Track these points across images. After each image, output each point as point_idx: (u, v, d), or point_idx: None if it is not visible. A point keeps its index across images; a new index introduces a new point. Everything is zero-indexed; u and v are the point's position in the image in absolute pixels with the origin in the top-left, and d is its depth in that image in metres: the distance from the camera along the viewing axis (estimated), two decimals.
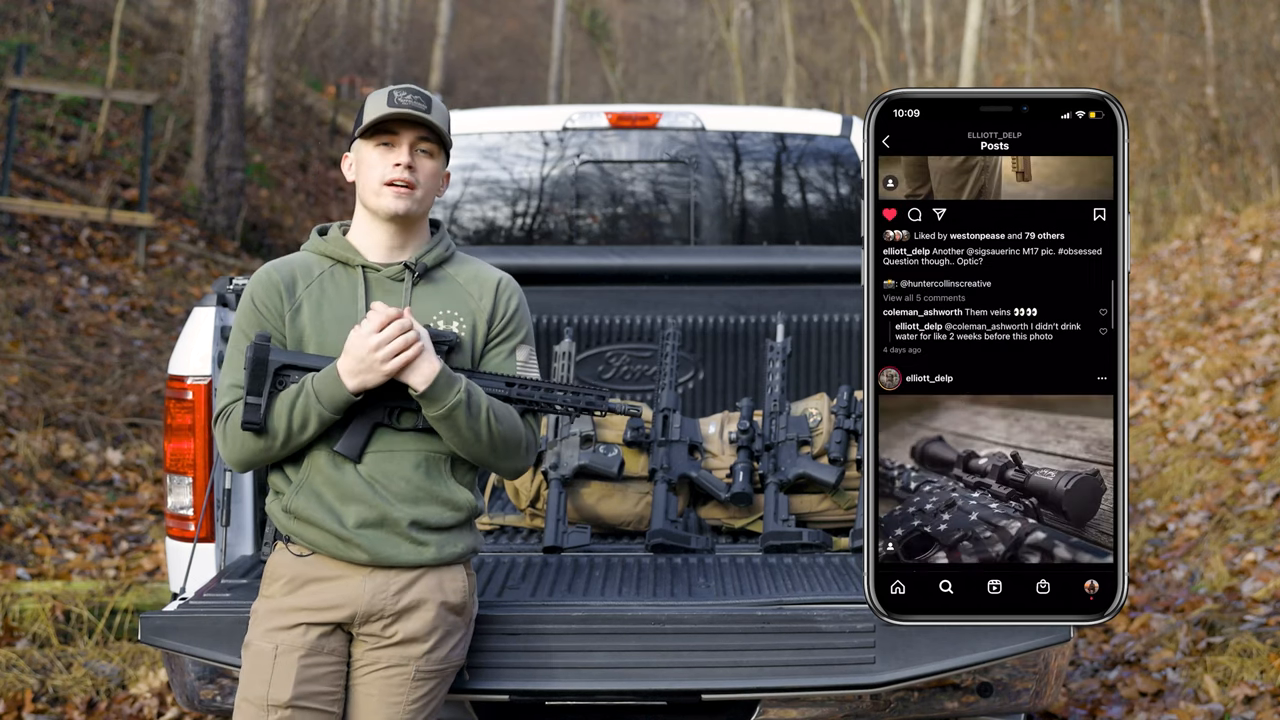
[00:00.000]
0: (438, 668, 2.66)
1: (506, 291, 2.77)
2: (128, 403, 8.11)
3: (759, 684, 2.83)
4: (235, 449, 2.62)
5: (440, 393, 2.53)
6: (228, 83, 13.08)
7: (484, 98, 32.02)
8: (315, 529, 2.61)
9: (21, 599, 5.20)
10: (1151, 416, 7.94)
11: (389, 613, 2.61)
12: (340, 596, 2.60)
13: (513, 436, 2.64)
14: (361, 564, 2.60)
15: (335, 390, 2.53)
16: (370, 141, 2.68)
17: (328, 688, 2.59)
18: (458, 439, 2.59)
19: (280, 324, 2.66)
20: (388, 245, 2.70)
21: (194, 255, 12.13)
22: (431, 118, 2.66)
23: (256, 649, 2.60)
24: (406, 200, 2.65)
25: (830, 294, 4.71)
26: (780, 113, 5.00)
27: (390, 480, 2.61)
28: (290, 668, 2.55)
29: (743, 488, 3.59)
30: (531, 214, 4.96)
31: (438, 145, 2.70)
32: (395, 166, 2.64)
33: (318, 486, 2.61)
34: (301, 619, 2.59)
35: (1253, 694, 4.38)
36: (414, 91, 2.68)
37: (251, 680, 2.58)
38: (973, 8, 22.34)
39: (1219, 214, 12.73)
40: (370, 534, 2.59)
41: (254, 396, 2.57)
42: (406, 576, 2.62)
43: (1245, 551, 5.61)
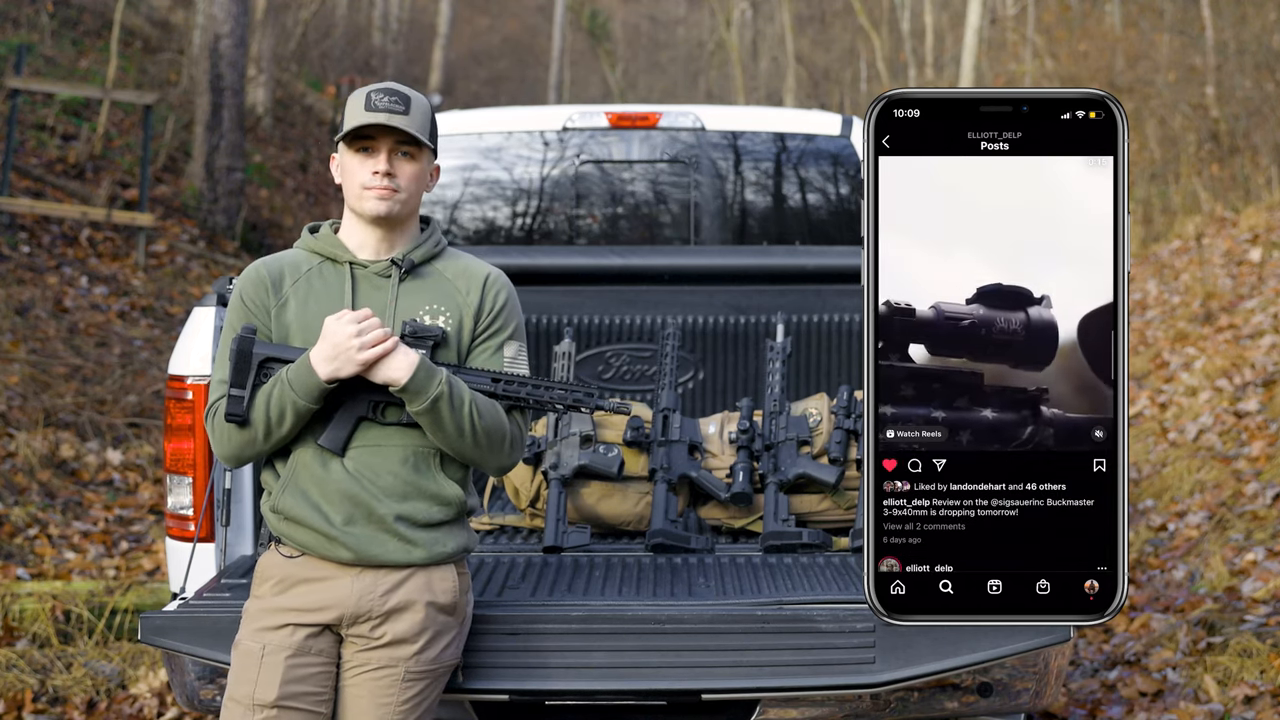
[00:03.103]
0: (428, 668, 2.65)
1: (494, 286, 2.76)
2: (128, 403, 8.11)
3: (759, 684, 2.83)
4: (222, 442, 2.62)
5: (421, 385, 2.52)
6: (228, 83, 13.08)
7: (484, 98, 32.01)
8: (303, 529, 2.60)
9: (21, 599, 5.20)
10: (1151, 416, 7.94)
11: (377, 614, 2.60)
12: (328, 598, 2.59)
13: (497, 432, 2.63)
14: (349, 564, 2.60)
15: (308, 378, 2.52)
16: (350, 146, 2.66)
17: (315, 688, 2.59)
18: (441, 434, 2.58)
19: (267, 319, 2.66)
20: (375, 243, 2.70)
21: (194, 255, 12.13)
22: (407, 123, 2.61)
23: (245, 649, 2.60)
24: (389, 203, 2.64)
25: (830, 294, 4.70)
26: (780, 113, 5.00)
27: (377, 475, 2.60)
28: (276, 668, 2.55)
29: (743, 488, 3.59)
30: (531, 214, 4.96)
31: (418, 146, 2.68)
32: (374, 174, 2.63)
33: (304, 484, 2.61)
34: (289, 619, 2.59)
35: (1253, 694, 4.38)
36: (391, 92, 2.63)
37: (239, 679, 2.58)
38: (973, 8, 22.34)
39: (1219, 214, 12.73)
40: (357, 531, 2.58)
41: (237, 389, 2.57)
42: (394, 577, 2.61)
43: (1245, 551, 5.60)
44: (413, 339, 2.62)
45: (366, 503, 2.59)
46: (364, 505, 2.59)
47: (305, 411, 2.55)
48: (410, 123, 2.63)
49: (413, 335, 2.63)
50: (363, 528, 2.59)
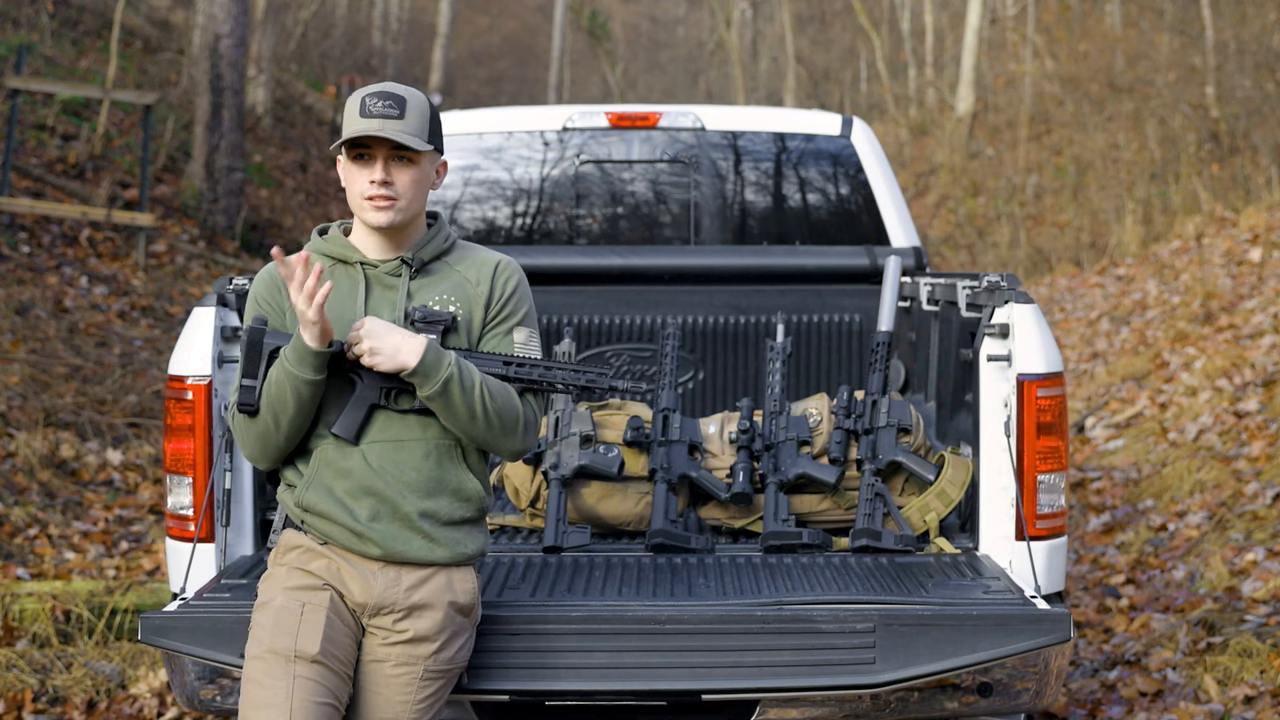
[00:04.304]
0: (445, 668, 2.67)
1: (504, 273, 2.75)
2: (128, 403, 8.11)
3: (759, 684, 2.84)
4: (240, 437, 2.63)
5: (430, 368, 2.52)
6: (228, 83, 13.07)
7: (484, 98, 32.03)
8: (328, 522, 2.61)
9: (21, 599, 5.20)
10: (1151, 416, 7.94)
11: (400, 607, 2.60)
12: (354, 584, 2.60)
13: (510, 414, 2.62)
14: (375, 558, 2.60)
15: (297, 343, 2.51)
16: (348, 154, 2.64)
17: (346, 655, 2.58)
18: (453, 417, 2.58)
19: (280, 318, 2.67)
20: (384, 245, 2.70)
21: (194, 255, 12.13)
22: (401, 129, 2.57)
23: (280, 605, 2.57)
24: (388, 213, 2.62)
25: (830, 294, 4.71)
26: (780, 113, 5.00)
27: (401, 470, 2.61)
28: (318, 623, 2.54)
29: (743, 488, 3.59)
30: (531, 214, 4.96)
31: (414, 150, 2.63)
32: (371, 184, 2.60)
33: (328, 480, 2.61)
34: (325, 580, 2.59)
35: (1253, 694, 4.38)
36: (386, 96, 2.59)
37: (278, 632, 2.54)
38: (973, 8, 22.32)
39: (1219, 214, 12.74)
40: (382, 528, 2.59)
41: (248, 379, 2.57)
42: (419, 574, 2.62)
43: (1245, 551, 5.60)
44: (423, 324, 2.62)
45: (390, 499, 2.59)
46: (388, 501, 2.59)
47: (304, 387, 2.53)
48: (405, 127, 2.59)
49: (423, 320, 2.63)
50: (387, 524, 2.60)
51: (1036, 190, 19.50)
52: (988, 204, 20.10)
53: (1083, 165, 18.17)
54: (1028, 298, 3.33)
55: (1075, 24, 21.68)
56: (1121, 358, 9.62)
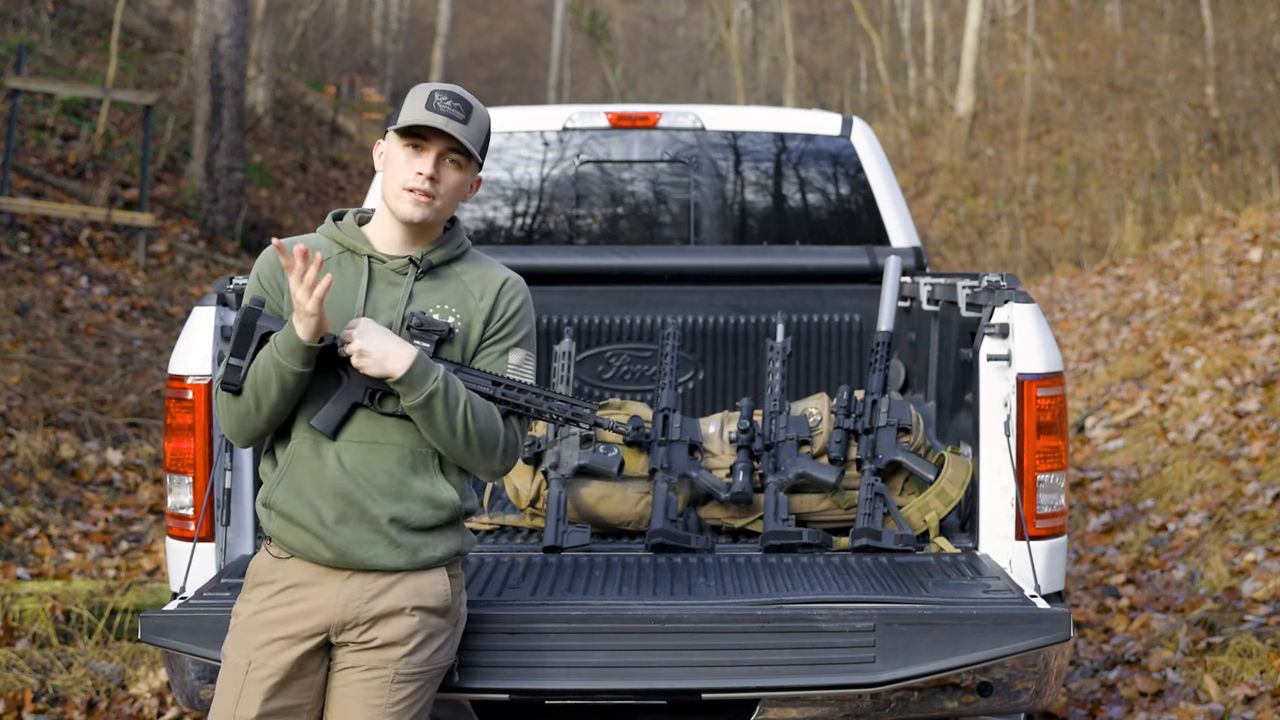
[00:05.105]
0: (419, 670, 2.63)
1: (510, 292, 2.74)
2: (128, 403, 8.11)
3: (759, 683, 2.84)
4: (221, 413, 2.61)
5: (417, 379, 2.51)
6: (228, 83, 13.08)
7: (484, 98, 31.93)
8: (293, 527, 2.59)
9: (21, 599, 5.20)
10: (1151, 416, 7.94)
11: (364, 619, 2.59)
12: (315, 604, 2.58)
13: (490, 435, 2.61)
14: (333, 566, 2.59)
15: (288, 333, 2.50)
16: (401, 140, 2.63)
17: (299, 700, 2.60)
18: (433, 430, 2.56)
19: (279, 297, 2.65)
20: (400, 240, 2.69)
21: (194, 255, 12.13)
22: (463, 132, 2.59)
23: (231, 663, 2.60)
24: (425, 209, 2.62)
25: (830, 294, 4.71)
26: (780, 113, 5.00)
27: (373, 473, 2.59)
28: (259, 688, 2.56)
29: (743, 488, 3.59)
30: (531, 214, 4.96)
31: (467, 156, 2.64)
32: (418, 175, 2.60)
33: (299, 477, 2.59)
34: (277, 634, 2.58)
35: (1253, 694, 4.38)
36: (455, 98, 2.61)
37: (222, 694, 2.59)
38: (973, 8, 22.32)
39: (1219, 214, 12.74)
40: (347, 531, 2.57)
41: (236, 358, 2.56)
42: (381, 582, 2.60)
43: (1245, 551, 5.61)
44: (418, 331, 2.61)
45: (360, 501, 2.57)
46: (357, 504, 2.57)
47: (290, 377, 2.52)
48: (466, 132, 2.61)
49: (418, 328, 2.61)
50: (353, 528, 2.58)
51: (1036, 190, 19.52)
52: (988, 204, 20.11)
53: (1083, 165, 18.18)
54: (1028, 297, 3.33)
55: (1075, 24, 21.69)
56: (1121, 358, 9.62)
